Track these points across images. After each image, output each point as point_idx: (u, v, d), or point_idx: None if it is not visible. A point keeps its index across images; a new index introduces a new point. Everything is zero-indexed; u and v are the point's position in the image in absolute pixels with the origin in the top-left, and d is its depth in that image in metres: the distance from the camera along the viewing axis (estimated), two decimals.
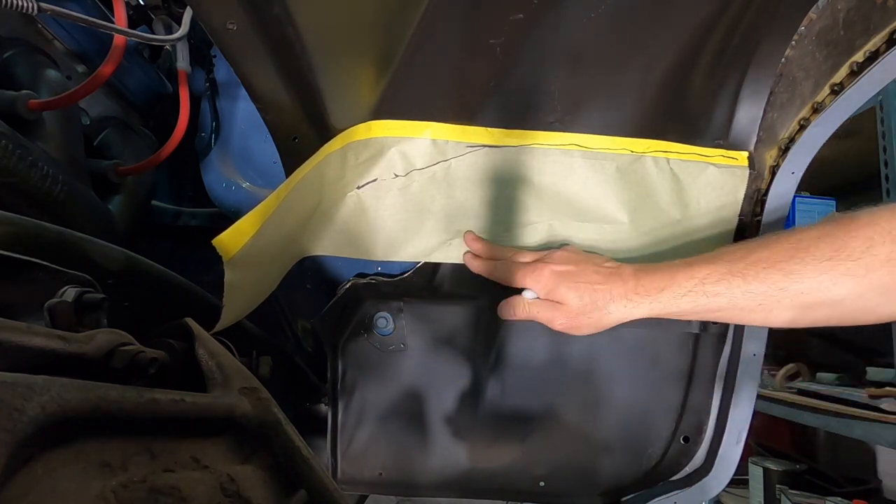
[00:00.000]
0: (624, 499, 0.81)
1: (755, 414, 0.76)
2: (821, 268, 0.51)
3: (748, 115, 0.68)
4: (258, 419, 0.40)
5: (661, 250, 0.73)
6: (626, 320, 0.60)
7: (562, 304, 0.61)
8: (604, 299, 0.58)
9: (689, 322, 0.77)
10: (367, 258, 0.74)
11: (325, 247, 0.73)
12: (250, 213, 0.57)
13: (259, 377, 0.55)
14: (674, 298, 0.56)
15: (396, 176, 0.69)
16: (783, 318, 0.55)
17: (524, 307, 0.64)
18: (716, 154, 0.70)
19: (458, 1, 0.54)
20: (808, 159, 0.69)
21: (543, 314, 0.63)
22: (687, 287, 0.56)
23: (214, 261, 0.55)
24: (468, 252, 0.71)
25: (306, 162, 0.63)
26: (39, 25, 0.91)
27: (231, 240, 0.56)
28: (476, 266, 0.69)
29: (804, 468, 1.79)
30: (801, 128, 0.69)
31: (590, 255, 0.66)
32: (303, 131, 0.66)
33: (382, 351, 0.78)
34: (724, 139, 0.69)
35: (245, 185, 1.12)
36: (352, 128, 0.67)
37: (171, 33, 1.01)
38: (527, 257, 0.67)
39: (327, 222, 0.72)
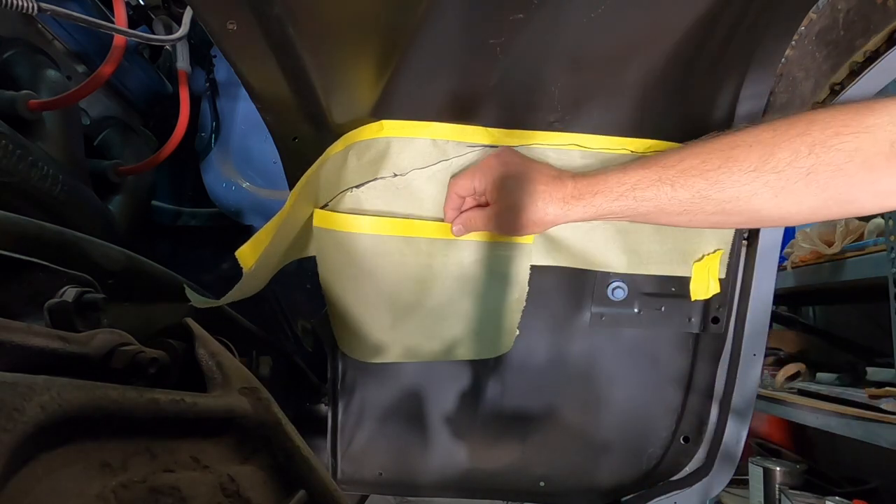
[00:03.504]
0: (624, 499, 0.81)
1: (755, 414, 0.76)
2: (744, 178, 0.54)
3: (748, 115, 0.67)
4: (258, 419, 0.40)
5: (661, 249, 0.73)
6: (562, 222, 0.64)
7: (504, 200, 0.63)
8: (544, 200, 0.62)
9: (690, 322, 0.77)
10: None
11: None
12: (267, 224, 0.62)
13: (259, 377, 0.55)
14: (606, 202, 0.60)
15: (396, 175, 0.69)
16: (706, 222, 0.60)
17: (468, 218, 0.67)
18: None
19: (458, 1, 0.54)
20: None
21: (484, 222, 0.66)
22: (619, 192, 0.59)
23: (214, 261, 0.55)
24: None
25: (312, 166, 0.64)
26: (39, 25, 0.91)
27: (250, 251, 0.62)
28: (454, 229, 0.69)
29: (804, 468, 1.79)
30: None
31: (532, 160, 0.66)
32: (303, 131, 0.66)
33: None
34: None
35: (245, 185, 1.12)
36: (358, 128, 0.67)
37: (171, 33, 1.01)
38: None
39: None
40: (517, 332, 0.75)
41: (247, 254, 0.62)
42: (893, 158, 0.51)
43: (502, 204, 0.64)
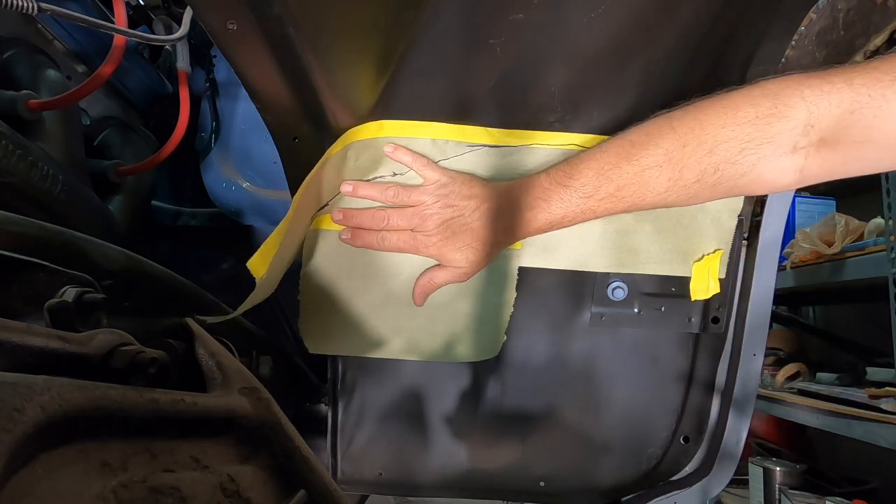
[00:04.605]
0: (624, 499, 0.81)
1: (755, 414, 0.76)
2: (657, 200, 0.61)
3: None
4: (258, 419, 0.40)
5: (661, 249, 0.73)
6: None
7: (458, 266, 0.69)
8: (492, 252, 0.69)
9: (690, 322, 0.77)
10: None
11: None
12: (274, 231, 0.63)
13: (259, 377, 0.54)
14: (538, 231, 0.67)
15: (395, 174, 0.69)
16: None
17: (433, 284, 0.71)
18: None
19: (459, 1, 0.54)
20: None
21: (445, 278, 0.71)
22: (548, 226, 0.66)
23: (214, 261, 0.55)
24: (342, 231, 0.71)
25: (313, 169, 0.64)
26: (39, 25, 0.91)
27: (260, 260, 0.63)
28: (357, 241, 0.70)
29: (804, 468, 1.79)
30: None
31: (467, 203, 0.67)
32: (303, 131, 0.66)
33: None
34: None
35: (245, 185, 1.12)
36: (356, 128, 0.67)
37: (171, 33, 1.01)
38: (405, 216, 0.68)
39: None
40: (504, 338, 0.75)
41: (257, 263, 0.63)
42: (795, 155, 0.56)
43: (463, 270, 0.70)
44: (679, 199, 0.61)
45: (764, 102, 0.55)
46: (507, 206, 0.66)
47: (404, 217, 0.68)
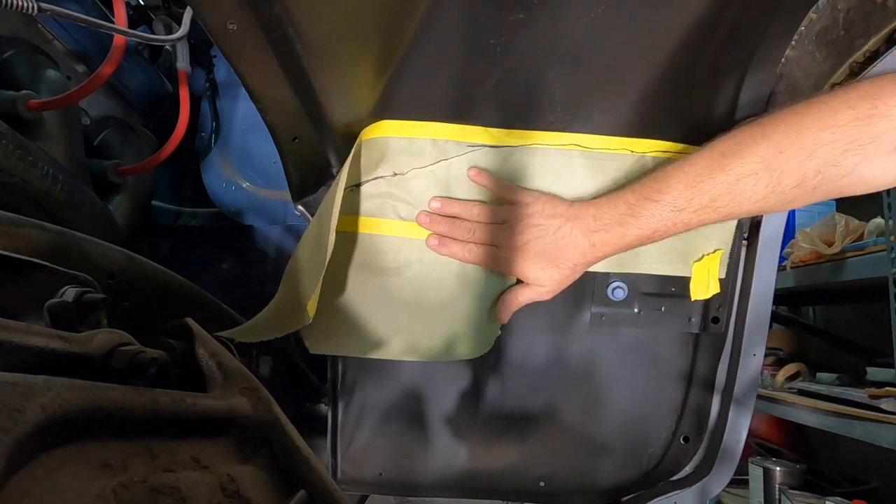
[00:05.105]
0: (624, 499, 0.81)
1: (755, 414, 0.76)
2: (753, 208, 0.61)
3: (748, 115, 0.67)
4: (258, 419, 0.40)
5: (661, 249, 0.73)
6: None
7: (541, 285, 0.69)
8: (576, 270, 0.69)
9: (690, 322, 0.77)
10: None
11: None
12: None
13: (259, 377, 0.54)
14: (627, 247, 0.66)
15: (396, 174, 0.69)
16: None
17: (517, 302, 0.71)
18: None
19: (459, 1, 0.54)
20: None
21: (529, 296, 0.70)
22: (636, 242, 0.65)
23: (214, 261, 0.55)
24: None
25: (338, 188, 0.64)
26: (39, 25, 0.91)
27: (312, 303, 0.63)
28: (443, 250, 0.71)
29: (804, 468, 1.79)
30: None
31: (551, 223, 0.67)
32: (303, 131, 0.66)
33: None
34: None
35: (245, 185, 1.13)
36: (361, 131, 0.67)
37: (171, 33, 1.01)
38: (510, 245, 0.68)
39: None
40: (499, 332, 0.75)
41: (311, 307, 0.64)
42: (893, 154, 0.55)
43: (547, 289, 0.69)
44: (776, 205, 0.60)
45: (862, 104, 0.55)
46: (592, 224, 0.65)
47: (489, 233, 0.68)
